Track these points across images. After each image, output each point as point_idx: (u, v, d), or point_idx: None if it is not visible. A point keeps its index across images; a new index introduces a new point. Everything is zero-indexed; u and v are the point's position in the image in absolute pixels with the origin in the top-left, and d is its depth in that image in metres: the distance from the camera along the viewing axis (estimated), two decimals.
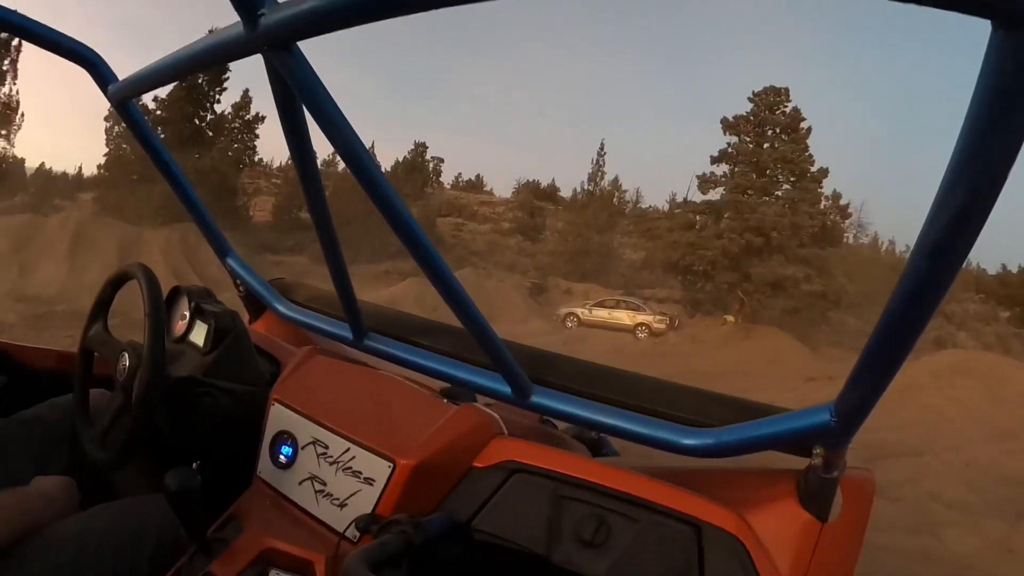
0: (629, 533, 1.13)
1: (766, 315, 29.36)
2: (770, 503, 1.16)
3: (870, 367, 0.86)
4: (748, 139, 32.10)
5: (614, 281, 41.22)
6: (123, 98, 1.53)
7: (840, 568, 1.17)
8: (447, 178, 67.43)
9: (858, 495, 1.19)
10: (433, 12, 0.73)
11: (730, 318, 30.72)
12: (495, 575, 1.23)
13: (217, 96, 33.83)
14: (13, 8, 1.40)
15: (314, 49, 0.96)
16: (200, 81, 32.90)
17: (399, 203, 1.09)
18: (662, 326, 29.36)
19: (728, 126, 32.53)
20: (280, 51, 0.94)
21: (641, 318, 29.69)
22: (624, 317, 29.70)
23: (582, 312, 30.26)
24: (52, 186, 40.15)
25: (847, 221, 35.26)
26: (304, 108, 1.05)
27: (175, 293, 1.79)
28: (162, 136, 31.96)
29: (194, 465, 1.59)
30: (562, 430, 1.89)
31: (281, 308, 1.92)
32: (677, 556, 1.09)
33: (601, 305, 30.56)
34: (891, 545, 5.81)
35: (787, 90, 31.97)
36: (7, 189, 32.21)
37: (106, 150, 32.69)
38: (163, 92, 32.95)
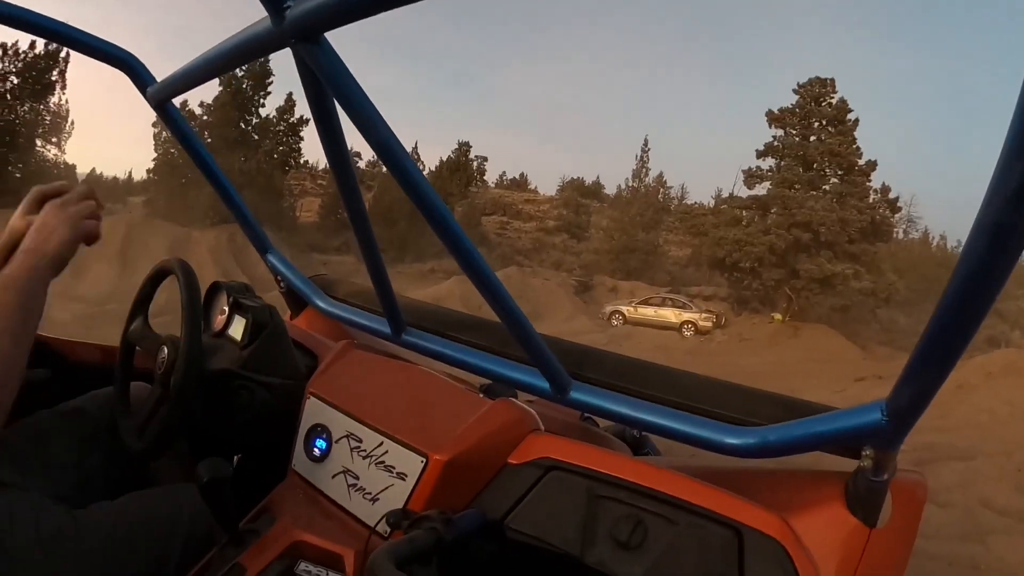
0: (667, 535, 1.09)
1: (814, 313, 28.98)
2: (816, 507, 1.11)
3: (925, 361, 0.81)
4: (794, 132, 31.77)
5: (660, 278, 41.07)
6: (162, 99, 1.56)
7: (888, 575, 1.12)
8: (491, 177, 67.74)
9: (909, 500, 1.15)
10: (474, 10, 0.71)
11: (777, 316, 30.34)
12: (528, 575, 1.21)
13: (262, 100, 34.42)
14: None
15: (353, 50, 0.97)
16: (244, 86, 33.52)
17: (434, 196, 1.08)
18: (708, 324, 29.13)
19: (773, 119, 32.17)
20: (308, 43, 0.94)
21: (687, 316, 29.48)
22: (670, 315, 29.52)
23: (627, 310, 30.16)
24: (103, 191, 40.98)
25: (896, 216, 34.58)
26: (336, 102, 1.04)
27: (214, 288, 1.81)
28: (208, 140, 32.95)
29: (234, 459, 1.64)
30: (603, 428, 1.88)
31: (321, 303, 1.95)
32: (716, 561, 1.05)
33: (647, 303, 30.44)
34: (938, 553, 5.67)
35: (833, 81, 31.53)
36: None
37: (155, 155, 33.37)
38: (208, 97, 33.71)
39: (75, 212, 1.23)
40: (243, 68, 33.08)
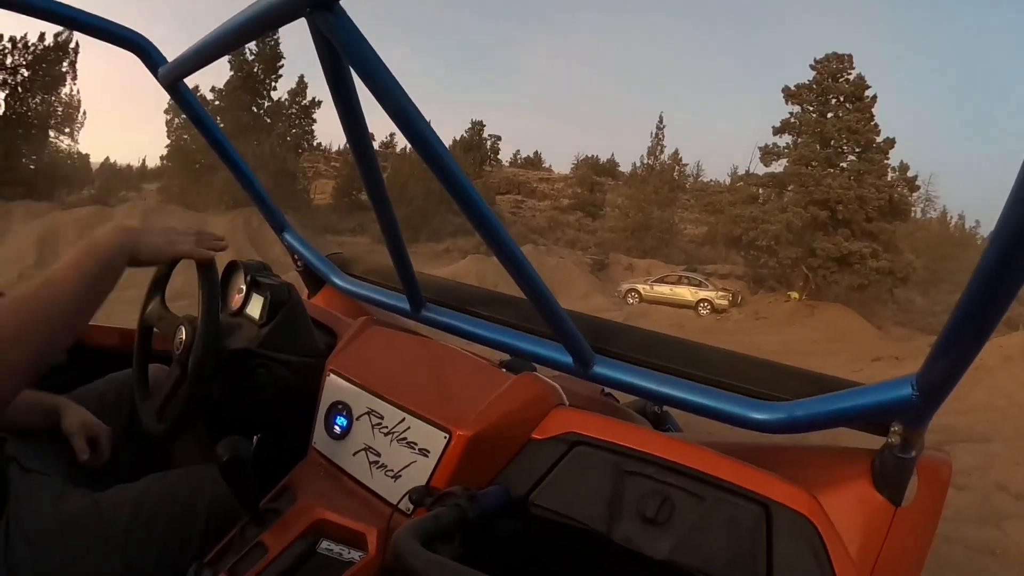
0: (694, 511, 1.08)
1: (831, 292, 28.90)
2: (842, 484, 1.10)
3: (958, 335, 0.78)
4: (811, 108, 31.43)
5: (675, 256, 41.12)
6: (174, 79, 1.54)
7: (912, 555, 1.10)
8: (505, 155, 67.67)
9: (934, 478, 1.12)
10: None
11: (794, 294, 30.27)
12: (553, 552, 1.19)
13: (273, 83, 34.39)
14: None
15: (367, 28, 0.93)
16: (256, 70, 33.52)
17: (456, 168, 1.05)
18: (724, 302, 29.20)
19: (790, 95, 31.86)
20: (323, 11, 0.92)
21: (703, 294, 29.57)
22: (686, 293, 29.61)
23: (643, 288, 30.28)
24: (118, 179, 41.49)
25: (915, 194, 34.28)
26: (353, 73, 1.02)
27: (231, 268, 1.80)
28: (221, 125, 32.67)
29: (254, 439, 1.64)
30: (625, 404, 1.86)
31: (338, 281, 1.96)
32: (744, 536, 1.04)
33: (663, 281, 30.57)
34: (955, 536, 5.69)
35: (850, 57, 31.12)
36: (75, 184, 33.27)
37: (168, 141, 33.51)
38: (220, 82, 33.72)
39: (197, 236, 1.40)
40: (253, 51, 33.22)
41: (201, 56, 1.33)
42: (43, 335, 1.09)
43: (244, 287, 1.72)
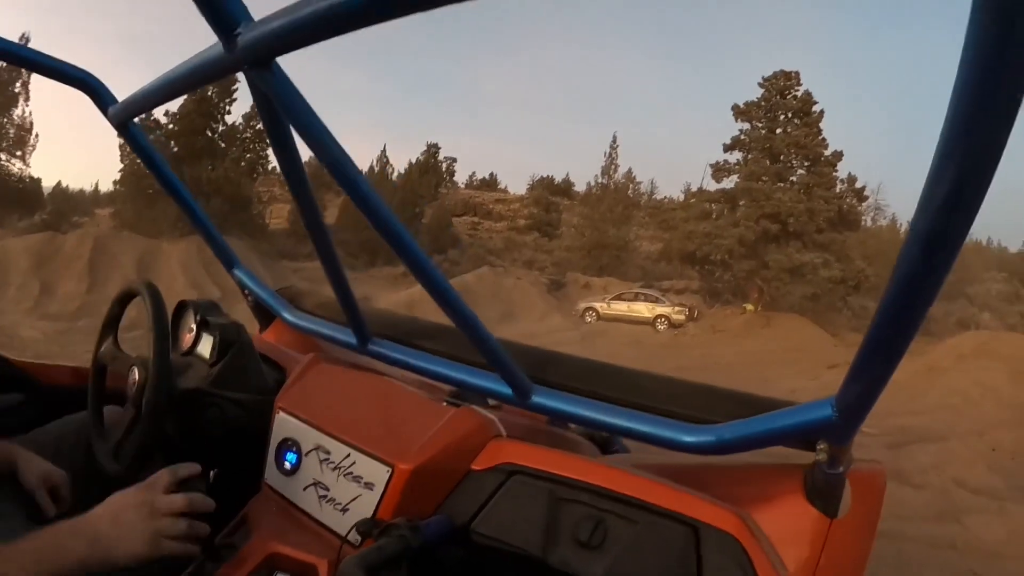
0: (626, 535, 1.12)
1: (785, 302, 29.15)
2: (778, 500, 1.15)
3: (870, 359, 0.83)
4: (760, 125, 31.90)
5: (632, 274, 41.23)
6: (123, 119, 1.55)
7: (851, 565, 1.15)
8: (461, 177, 67.64)
9: (868, 489, 1.17)
10: (439, 13, 0.72)
11: (749, 307, 30.54)
12: None
13: (227, 108, 33.88)
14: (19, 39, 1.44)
15: (318, 55, 0.96)
16: (210, 93, 33.08)
17: (385, 209, 1.10)
18: (681, 317, 29.33)
19: (739, 112, 32.30)
20: (260, 68, 0.94)
21: (660, 310, 29.66)
22: (643, 310, 29.67)
23: (601, 306, 30.25)
24: (70, 204, 40.40)
25: (864, 204, 34.76)
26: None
27: (181, 307, 1.83)
28: (175, 150, 32.60)
29: (210, 475, 1.64)
30: (573, 429, 1.89)
31: (288, 316, 1.95)
32: (675, 558, 1.07)
33: (620, 298, 30.55)
34: (917, 534, 5.79)
35: (797, 74, 31.69)
36: (26, 209, 32.52)
37: (121, 165, 32.93)
38: (173, 107, 33.22)
39: (168, 526, 1.18)
40: None
41: (149, 100, 1.35)
42: None
43: (194, 327, 1.75)
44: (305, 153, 1.14)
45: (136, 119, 1.57)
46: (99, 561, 1.11)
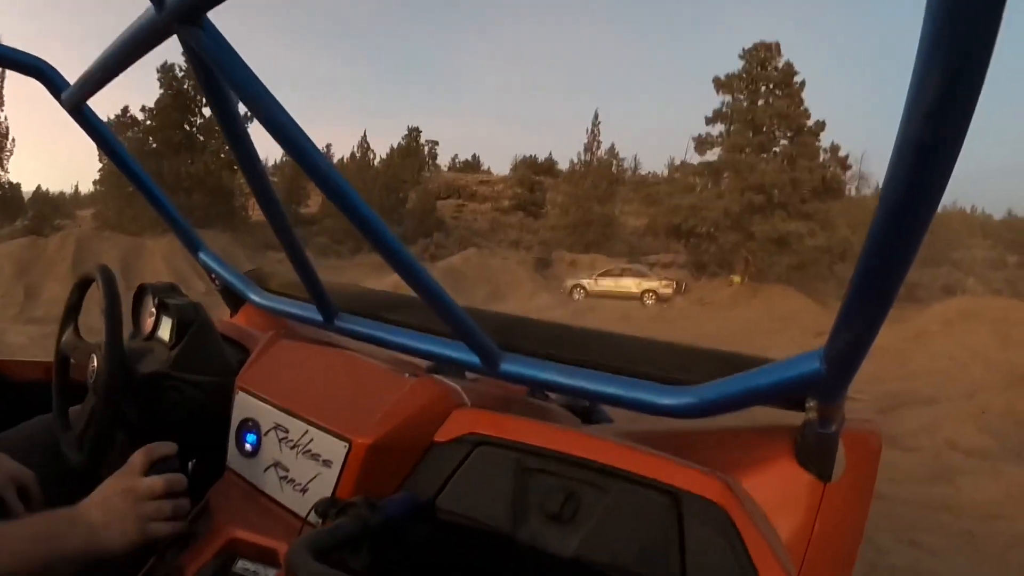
0: (601, 505, 1.04)
1: (772, 273, 29.33)
2: (768, 464, 1.09)
3: (860, 303, 0.75)
4: (742, 97, 32.01)
5: (618, 249, 41.30)
6: (77, 103, 1.51)
7: (847, 529, 1.11)
8: (443, 160, 67.42)
9: (863, 450, 1.13)
10: None
11: (736, 278, 30.69)
12: (461, 556, 1.16)
13: (204, 100, 33.64)
14: None
15: (291, 40, 0.91)
16: (186, 87, 32.87)
17: (337, 176, 1.04)
18: (669, 291, 29.44)
19: (721, 85, 32.38)
20: (191, 26, 0.91)
21: (647, 284, 29.77)
22: (630, 285, 29.77)
23: (588, 283, 30.37)
24: (51, 207, 40.13)
25: (848, 173, 34.95)
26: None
27: (141, 291, 1.79)
28: (153, 145, 32.43)
29: (189, 465, 1.59)
30: (554, 400, 1.83)
31: (255, 298, 1.91)
32: (654, 528, 0.99)
33: (607, 275, 30.65)
34: (910, 497, 5.81)
35: (778, 45, 31.77)
36: (7, 215, 32.34)
37: (100, 166, 32.72)
38: (150, 101, 32.98)
39: (153, 510, 1.19)
40: (182, 68, 32.46)
41: (96, 79, 1.31)
42: None
43: (155, 310, 1.70)
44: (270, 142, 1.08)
45: (96, 109, 1.54)
46: (96, 551, 1.11)
